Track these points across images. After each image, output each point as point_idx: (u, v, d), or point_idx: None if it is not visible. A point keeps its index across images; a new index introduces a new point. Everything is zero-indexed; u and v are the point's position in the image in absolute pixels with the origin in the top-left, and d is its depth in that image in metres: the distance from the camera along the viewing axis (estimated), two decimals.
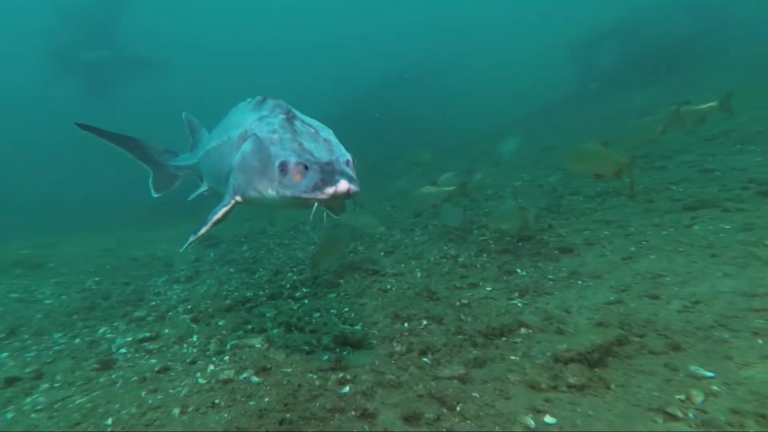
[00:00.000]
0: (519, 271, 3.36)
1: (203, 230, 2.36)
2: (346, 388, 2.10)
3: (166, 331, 3.21)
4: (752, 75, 6.99)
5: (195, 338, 3.01)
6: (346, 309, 3.19)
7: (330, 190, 1.83)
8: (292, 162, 1.93)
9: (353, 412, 1.90)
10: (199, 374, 2.45)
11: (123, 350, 2.98)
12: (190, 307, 3.67)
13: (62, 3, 11.66)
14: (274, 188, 2.00)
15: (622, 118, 7.84)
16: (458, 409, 1.85)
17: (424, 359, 2.31)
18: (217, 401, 2.13)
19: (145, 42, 13.35)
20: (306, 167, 1.90)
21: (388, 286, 3.46)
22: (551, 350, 2.16)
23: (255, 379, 2.31)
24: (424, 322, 2.75)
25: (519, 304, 2.83)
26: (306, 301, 3.45)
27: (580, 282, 2.97)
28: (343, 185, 1.82)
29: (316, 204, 1.94)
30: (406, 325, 2.77)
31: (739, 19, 10.40)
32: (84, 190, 11.49)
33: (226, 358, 2.59)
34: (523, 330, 2.48)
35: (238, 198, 2.32)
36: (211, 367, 2.50)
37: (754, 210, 3.22)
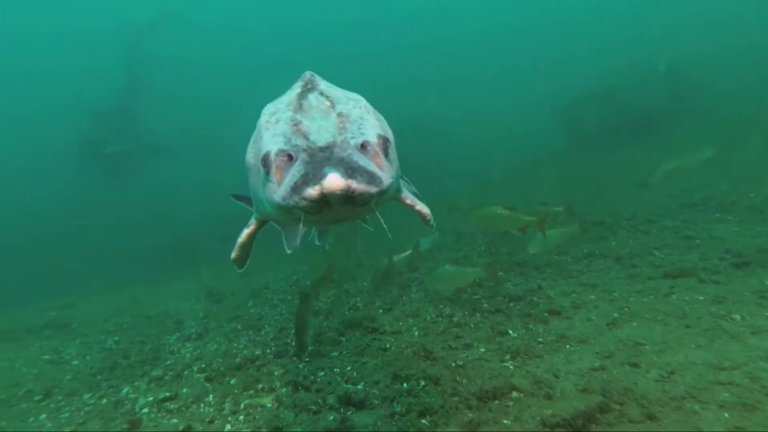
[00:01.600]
0: (511, 332, 3.57)
1: (234, 255, 2.06)
2: None
3: (184, 390, 3.41)
4: (726, 141, 7.57)
5: (210, 397, 3.19)
6: (348, 368, 3.36)
7: (311, 192, 1.22)
8: (273, 151, 1.39)
9: None
10: None
11: (146, 410, 3.18)
12: (203, 365, 3.86)
13: (94, 106, 13.97)
14: (265, 194, 1.48)
15: (600, 177, 8.41)
16: None
17: (423, 421, 2.48)
18: None
19: (156, 130, 15.23)
20: (290, 157, 1.34)
21: (388, 345, 3.65)
22: (540, 415, 2.34)
23: None
24: (422, 383, 2.93)
25: (511, 367, 3.02)
26: (310, 360, 3.62)
27: (568, 346, 3.18)
28: (332, 181, 1.21)
29: (301, 221, 1.38)
30: (405, 385, 2.94)
31: (710, 85, 11.32)
32: (95, 251, 12.51)
33: (241, 417, 2.76)
34: (514, 393, 2.66)
35: (258, 215, 1.90)
36: (228, 426, 2.67)
37: (727, 283, 3.49)
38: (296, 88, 1.66)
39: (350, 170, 1.25)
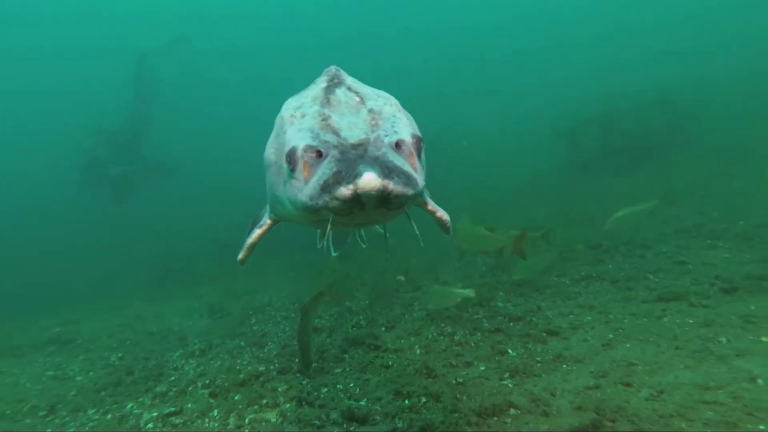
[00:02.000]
0: (510, 351, 3.68)
1: (241, 256, 1.99)
2: None
3: (189, 405, 3.50)
4: (718, 169, 7.84)
5: (215, 413, 3.28)
6: (351, 384, 3.46)
7: (344, 192, 1.15)
8: (301, 147, 1.30)
9: None
10: None
11: (150, 425, 3.26)
12: (207, 381, 3.95)
13: (104, 126, 14.14)
14: (286, 192, 1.41)
15: (599, 201, 8.63)
16: None
17: None
18: None
19: (161, 151, 15.68)
20: (320, 153, 1.26)
21: (390, 362, 3.75)
22: (536, 431, 2.45)
23: None
24: (423, 400, 3.03)
25: (509, 385, 3.13)
26: (314, 376, 3.72)
27: (565, 366, 3.29)
28: (369, 180, 1.13)
29: (330, 223, 1.29)
30: (406, 401, 3.05)
31: (704, 112, 11.69)
32: (99, 268, 12.77)
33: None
34: (512, 411, 2.77)
35: (273, 215, 1.82)
36: None
37: (715, 307, 3.63)
38: (321, 83, 1.57)
39: (387, 170, 1.17)
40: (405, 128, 1.40)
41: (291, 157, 1.35)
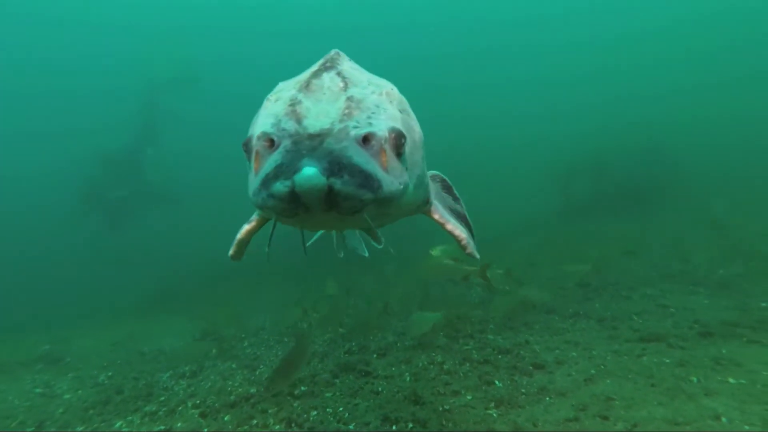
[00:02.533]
0: (497, 382, 3.80)
1: (231, 252, 1.91)
2: None
3: (178, 425, 3.57)
4: (700, 218, 8.22)
5: None
6: (341, 408, 3.56)
7: (279, 188, 1.03)
8: (255, 135, 1.19)
9: None
10: None
11: None
12: (197, 402, 4.03)
13: (106, 152, 14.42)
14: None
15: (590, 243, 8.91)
16: None
17: None
18: None
19: (165, 177, 16.00)
20: (272, 143, 1.14)
21: (380, 389, 3.86)
22: None
23: None
24: (410, 425, 3.14)
25: (494, 414, 3.25)
26: (304, 399, 3.81)
27: (548, 398, 3.42)
28: (308, 177, 1.00)
29: (273, 225, 1.21)
30: (394, 427, 3.15)
31: (693, 157, 12.27)
32: (91, 287, 12.82)
33: None
34: None
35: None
36: None
37: (691, 349, 3.82)
38: (315, 66, 1.42)
39: (337, 167, 1.02)
40: (384, 121, 1.21)
41: (247, 146, 1.24)
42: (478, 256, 1.84)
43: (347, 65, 1.45)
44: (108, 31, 27.23)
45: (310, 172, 1.01)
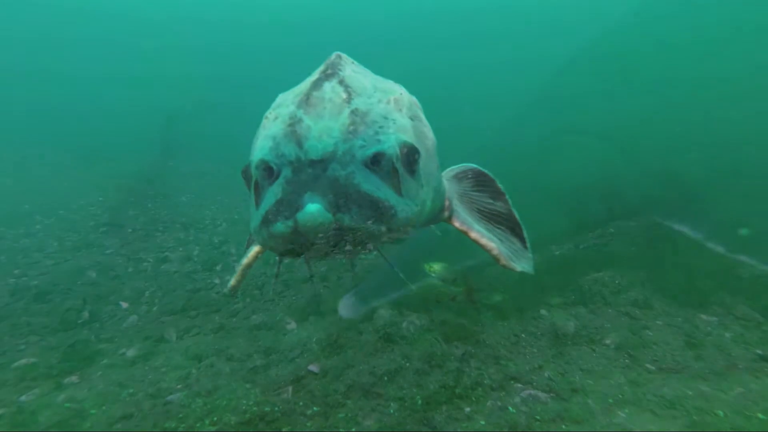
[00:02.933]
0: (510, 408, 3.74)
1: (233, 282, 1.85)
2: None
3: None
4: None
5: None
6: (353, 430, 3.54)
7: (281, 229, 0.93)
8: (254, 162, 1.08)
9: None
10: None
11: None
12: (215, 419, 4.04)
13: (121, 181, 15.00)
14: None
15: None
16: None
17: None
18: None
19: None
20: (271, 171, 1.03)
21: (391, 411, 3.83)
22: None
23: None
24: None
25: None
26: (317, 419, 3.81)
27: (563, 426, 3.35)
28: (311, 216, 0.89)
29: (278, 264, 1.10)
30: None
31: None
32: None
33: None
34: None
35: None
36: None
37: (716, 382, 3.70)
38: (315, 74, 1.27)
39: (343, 199, 0.91)
40: (393, 135, 1.08)
41: (245, 174, 1.14)
42: (518, 269, 1.58)
43: (349, 70, 1.31)
44: None
45: (313, 209, 0.90)
